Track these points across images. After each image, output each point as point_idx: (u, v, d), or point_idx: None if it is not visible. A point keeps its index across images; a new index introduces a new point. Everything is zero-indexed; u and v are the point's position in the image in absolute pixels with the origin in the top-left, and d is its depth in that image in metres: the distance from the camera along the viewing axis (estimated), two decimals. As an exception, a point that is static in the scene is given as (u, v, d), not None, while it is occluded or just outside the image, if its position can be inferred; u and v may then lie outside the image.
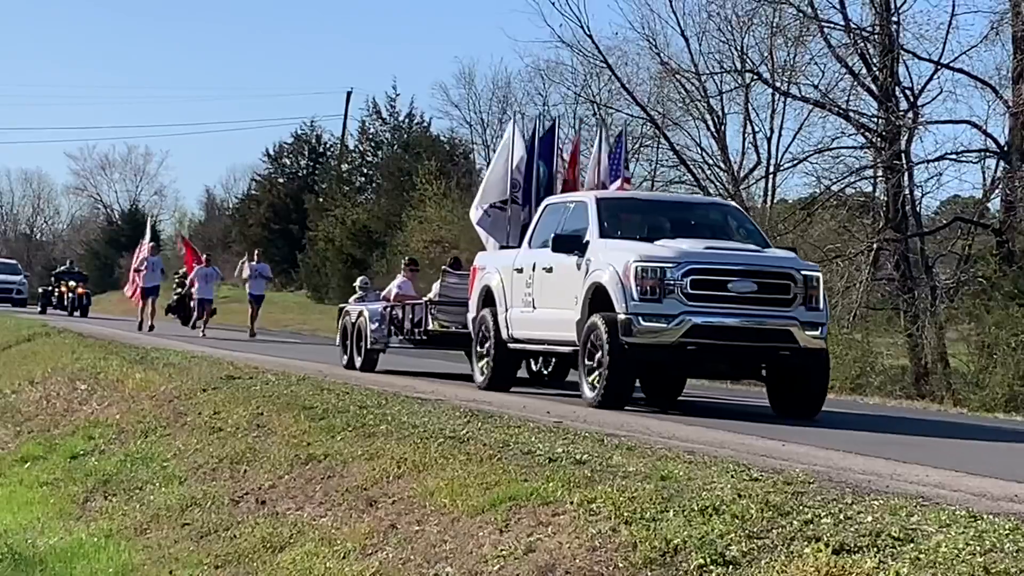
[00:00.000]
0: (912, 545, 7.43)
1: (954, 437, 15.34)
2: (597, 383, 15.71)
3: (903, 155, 34.22)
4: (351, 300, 26.02)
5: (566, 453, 10.99)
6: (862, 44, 34.63)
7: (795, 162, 38.50)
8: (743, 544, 7.94)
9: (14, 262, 64.88)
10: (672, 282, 15.13)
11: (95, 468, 16.34)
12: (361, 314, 23.00)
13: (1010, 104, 32.91)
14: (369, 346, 22.64)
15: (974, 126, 34.14)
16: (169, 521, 13.14)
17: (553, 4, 41.09)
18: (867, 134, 35.41)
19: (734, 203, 21.30)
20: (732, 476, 9.63)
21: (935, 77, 34.39)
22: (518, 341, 18.13)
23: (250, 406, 16.14)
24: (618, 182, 20.83)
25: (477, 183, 60.64)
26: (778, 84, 37.49)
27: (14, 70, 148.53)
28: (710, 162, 40.00)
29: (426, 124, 66.35)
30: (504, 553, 9.10)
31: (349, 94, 72.09)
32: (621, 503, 8.98)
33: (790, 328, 15.31)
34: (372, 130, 68.25)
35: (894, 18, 34.22)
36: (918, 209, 35.74)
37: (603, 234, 16.51)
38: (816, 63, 36.16)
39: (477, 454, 11.29)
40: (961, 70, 34.08)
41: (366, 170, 69.33)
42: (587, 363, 15.92)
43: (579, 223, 17.01)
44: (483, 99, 63.16)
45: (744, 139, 40.11)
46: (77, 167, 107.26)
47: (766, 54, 37.35)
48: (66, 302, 50.62)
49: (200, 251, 43.52)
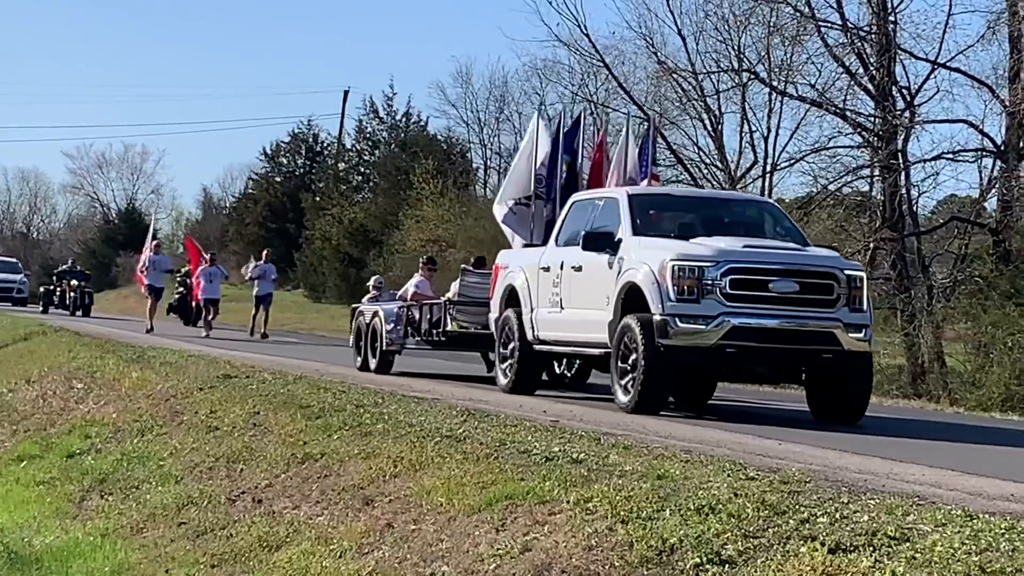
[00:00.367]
0: (908, 544, 7.44)
1: (950, 436, 15.35)
2: (631, 387, 15.07)
3: (900, 154, 34.21)
4: (364, 300, 25.30)
5: (563, 452, 10.99)
6: (859, 43, 34.61)
7: (792, 161, 38.44)
8: (739, 543, 7.94)
9: (14, 261, 64.16)
10: (711, 282, 14.54)
11: (91, 467, 16.35)
12: (376, 314, 22.24)
13: (1007, 103, 32.89)
14: (385, 347, 21.86)
15: (971, 125, 34.11)
16: (165, 520, 13.14)
17: (550, 3, 41.19)
18: (864, 133, 35.39)
19: (771, 200, 20.61)
20: (728, 475, 9.63)
21: (932, 76, 34.37)
22: (544, 343, 17.49)
23: (246, 405, 16.15)
24: (647, 179, 19.96)
25: (474, 182, 61.28)
26: (775, 83, 37.44)
27: (11, 69, 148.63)
28: (707, 161, 39.96)
29: (423, 123, 66.48)
30: (500, 552, 9.11)
31: (346, 93, 72.15)
32: (617, 502, 8.99)
33: (833, 330, 14.73)
34: (369, 129, 68.31)
35: (891, 17, 34.20)
36: (915, 208, 35.72)
37: (636, 231, 15.87)
38: (813, 62, 36.13)
39: (474, 453, 11.30)
40: (958, 70, 34.06)
41: (363, 169, 69.36)
42: (620, 366, 15.24)
43: (610, 220, 16.40)
44: (480, 98, 63.33)
45: (741, 138, 40.06)
46: (74, 166, 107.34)
47: (763, 53, 37.28)
48: (68, 301, 49.84)
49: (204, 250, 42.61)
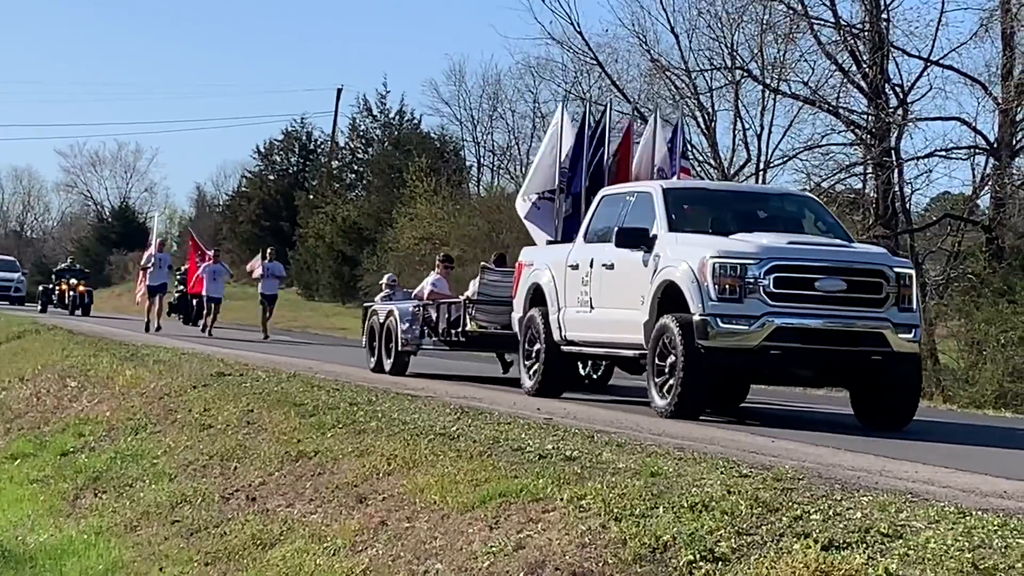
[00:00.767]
0: (901, 541, 7.45)
1: (943, 433, 15.35)
2: (669, 391, 14.37)
3: (893, 152, 34.24)
4: (378, 298, 24.58)
5: (556, 450, 11.00)
6: (852, 41, 34.65)
7: (785, 159, 38.45)
8: (732, 540, 7.95)
9: (12, 259, 63.48)
10: (753, 280, 13.86)
11: (85, 465, 16.34)
12: (391, 314, 21.39)
13: (999, 101, 32.95)
14: (400, 348, 21.04)
15: (964, 123, 34.17)
16: (159, 518, 13.14)
17: (543, 1, 41.09)
18: (857, 131, 35.43)
19: (811, 194, 19.91)
20: (722, 472, 9.64)
21: (925, 74, 34.46)
22: (572, 344, 16.76)
23: (240, 403, 16.14)
24: (676, 172, 19.30)
25: (467, 180, 61.25)
26: (768, 81, 37.47)
27: (4, 67, 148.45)
28: (700, 159, 39.95)
29: (416, 121, 66.41)
30: (494, 550, 9.12)
31: (340, 91, 71.88)
32: (611, 499, 9.00)
33: (882, 331, 14.07)
34: (363, 127, 68.25)
35: (884, 15, 34.27)
36: (908, 206, 35.77)
37: (672, 227, 15.16)
38: (806, 60, 36.15)
39: (467, 451, 11.30)
40: (951, 67, 34.14)
41: (356, 167, 69.32)
42: (657, 369, 14.55)
43: (643, 215, 15.65)
44: (473, 96, 63.24)
45: (734, 136, 40.06)
46: (67, 164, 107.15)
47: (756, 51, 37.30)
48: (67, 300, 49.11)
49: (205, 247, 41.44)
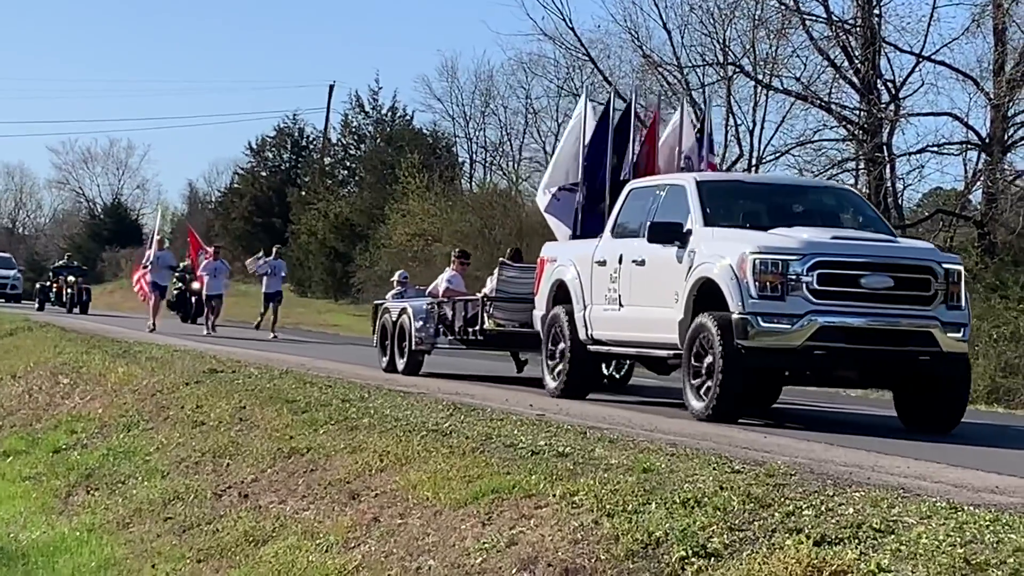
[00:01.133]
0: (893, 536, 7.46)
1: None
2: (706, 393, 13.78)
3: (885, 147, 34.31)
4: (388, 296, 24.05)
5: (548, 446, 11.00)
6: (844, 37, 34.70)
7: (777, 154, 38.51)
8: (725, 536, 7.96)
9: (8, 256, 62.40)
10: (796, 277, 13.24)
11: (77, 462, 16.33)
12: (404, 311, 20.59)
13: (991, 96, 32.99)
14: (414, 347, 20.23)
15: (955, 118, 34.22)
16: (152, 515, 13.14)
17: (535, -3, 40.99)
18: (849, 126, 35.49)
19: (850, 187, 19.17)
20: (714, 468, 9.64)
21: (917, 69, 34.52)
22: (600, 343, 16.09)
23: (233, 400, 16.14)
24: (703, 163, 18.34)
25: (460, 176, 61.20)
26: (760, 77, 37.51)
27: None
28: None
29: (409, 117, 66.31)
30: (487, 546, 9.12)
31: (332, 87, 71.75)
32: (603, 496, 9.00)
33: (930, 330, 13.50)
34: (355, 123, 68.15)
35: (876, 11, 34.32)
36: (900, 201, 35.83)
37: (707, 222, 14.55)
38: (798, 56, 36.22)
39: (460, 447, 11.30)
40: (943, 62, 34.19)
41: (349, 163, 69.23)
42: (693, 370, 13.95)
43: (675, 209, 15.01)
44: (466, 92, 63.21)
45: (726, 132, 40.03)
46: (59, 161, 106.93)
47: (748, 47, 37.33)
48: (65, 298, 48.15)
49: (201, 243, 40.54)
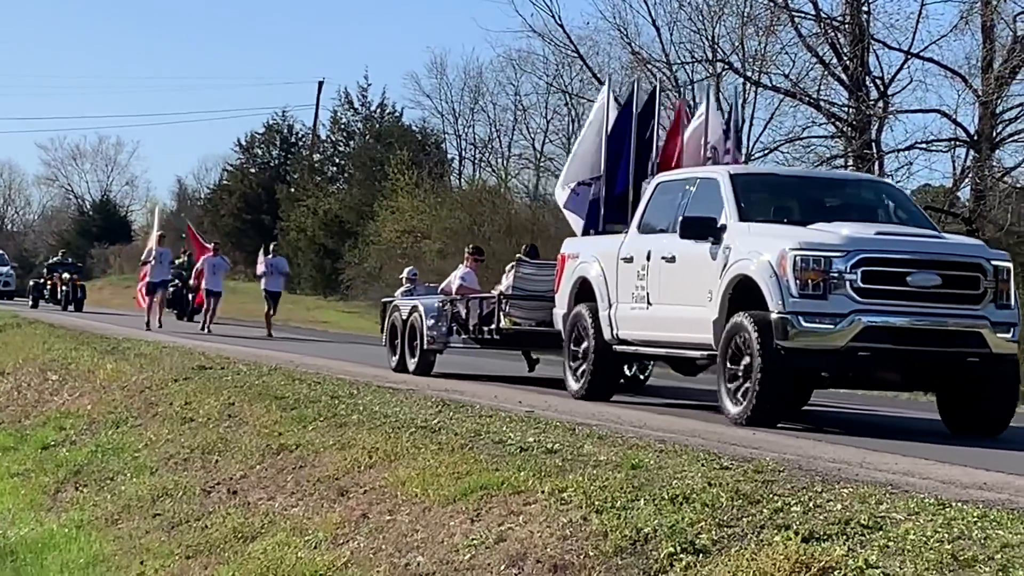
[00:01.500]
0: (881, 533, 7.47)
1: (924, 426, 15.38)
2: (743, 396, 13.17)
3: (873, 144, 34.33)
4: (398, 293, 23.43)
5: (537, 442, 11.01)
6: (833, 34, 34.72)
7: (766, 151, 38.46)
8: (713, 532, 7.97)
9: (1, 252, 62.16)
10: (838, 274, 12.70)
11: (66, 459, 16.31)
12: (415, 309, 19.94)
13: (980, 93, 33.02)
14: (426, 346, 19.62)
15: (944, 115, 34.26)
16: (140, 512, 13.13)
17: (524, -6, 40.93)
18: (838, 123, 35.52)
19: (889, 180, 18.29)
20: (703, 465, 9.65)
21: (905, 66, 34.54)
22: (626, 343, 15.55)
23: (221, 396, 16.13)
24: (730, 156, 17.61)
25: (449, 173, 61.21)
26: (749, 74, 37.49)
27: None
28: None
29: (398, 114, 66.26)
30: (475, 542, 9.12)
31: (321, 84, 71.67)
32: (592, 492, 9.01)
33: (980, 330, 12.95)
34: (344, 120, 68.08)
35: (864, 8, 34.33)
36: (889, 198, 35.83)
37: (743, 217, 13.98)
38: (787, 52, 36.21)
39: (448, 444, 11.30)
40: (931, 59, 34.22)
41: (338, 160, 69.20)
42: (729, 372, 13.36)
43: (707, 204, 14.41)
44: (455, 89, 63.23)
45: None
46: (48, 157, 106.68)
47: (737, 44, 37.31)
48: (59, 295, 47.10)
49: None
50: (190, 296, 38.94)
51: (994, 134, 33.28)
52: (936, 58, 34.14)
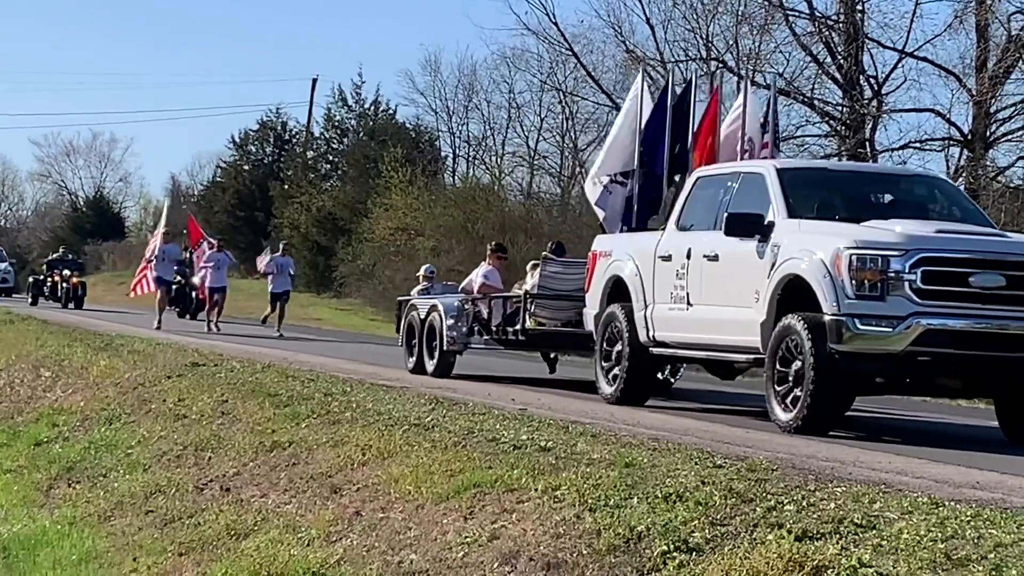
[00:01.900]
0: (874, 531, 7.47)
1: (917, 425, 15.40)
2: (794, 402, 12.48)
3: (867, 143, 34.38)
4: (414, 291, 22.71)
5: (531, 440, 11.01)
6: (827, 33, 34.78)
7: (760, 150, 38.55)
8: (706, 531, 7.97)
9: None
10: (897, 274, 12.00)
11: (59, 455, 16.30)
12: (434, 308, 19.32)
13: (973, 93, 33.09)
14: (445, 347, 18.93)
15: (938, 115, 34.35)
16: (133, 508, 13.12)
17: (519, -9, 41.00)
18: (832, 122, 35.59)
19: (943, 175, 17.52)
20: (696, 463, 9.66)
21: (899, 66, 34.65)
22: (664, 345, 14.86)
23: (215, 393, 16.11)
24: (766, 150, 16.83)
25: (443, 170, 61.18)
26: (743, 72, 37.55)
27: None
28: (676, 150, 40.00)
29: (392, 111, 66.19)
30: (468, 540, 9.12)
31: (315, 81, 71.58)
32: (585, 490, 9.01)
33: None
34: (338, 117, 67.97)
35: (859, 7, 34.43)
36: (883, 198, 35.88)
37: (792, 213, 13.29)
38: (781, 51, 36.30)
39: (442, 441, 11.30)
40: (925, 59, 34.30)
41: (332, 157, 69.11)
42: (779, 377, 12.69)
43: (752, 199, 13.74)
44: (449, 87, 63.12)
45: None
46: (42, 154, 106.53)
47: (731, 42, 37.40)
48: (59, 293, 46.74)
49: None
50: (193, 293, 38.55)
51: (988, 133, 33.37)
52: (930, 57, 34.27)
